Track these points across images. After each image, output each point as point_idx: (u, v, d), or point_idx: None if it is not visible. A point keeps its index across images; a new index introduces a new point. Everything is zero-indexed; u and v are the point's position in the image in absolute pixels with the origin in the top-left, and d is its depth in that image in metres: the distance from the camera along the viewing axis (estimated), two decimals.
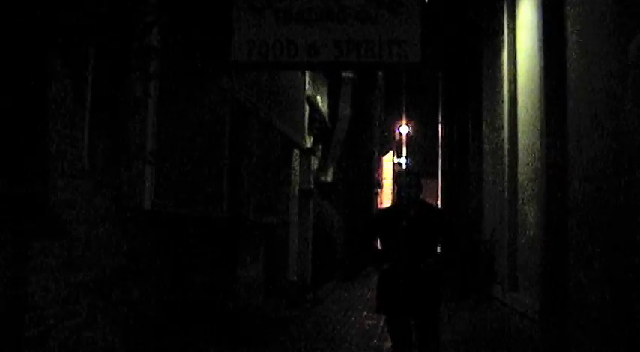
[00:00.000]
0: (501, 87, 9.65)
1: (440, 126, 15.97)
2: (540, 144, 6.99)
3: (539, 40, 7.28)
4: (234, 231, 8.18)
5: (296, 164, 12.98)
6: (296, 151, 12.64)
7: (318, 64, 6.96)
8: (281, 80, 10.73)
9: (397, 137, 34.03)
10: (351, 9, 6.81)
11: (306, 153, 13.75)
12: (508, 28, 9.46)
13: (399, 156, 33.45)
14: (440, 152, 15.92)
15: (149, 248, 5.51)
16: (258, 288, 9.35)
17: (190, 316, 6.36)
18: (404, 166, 26.96)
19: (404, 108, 32.58)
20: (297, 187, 13.21)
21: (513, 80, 9.15)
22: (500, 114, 9.56)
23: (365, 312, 11.15)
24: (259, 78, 9.28)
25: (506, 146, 9.05)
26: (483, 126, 11.47)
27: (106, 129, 4.97)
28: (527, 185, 8.08)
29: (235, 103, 8.06)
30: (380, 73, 23.05)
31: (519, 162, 8.60)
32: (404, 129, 33.70)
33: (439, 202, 15.82)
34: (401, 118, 33.08)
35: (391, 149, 31.63)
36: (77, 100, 4.52)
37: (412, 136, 34.66)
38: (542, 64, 7.17)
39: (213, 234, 7.29)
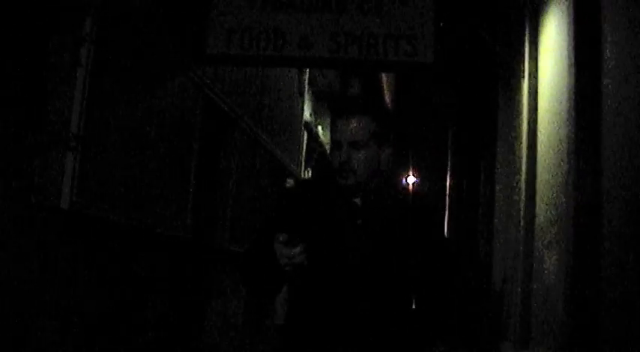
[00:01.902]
0: (520, 120, 8.68)
1: (448, 172, 15.22)
2: (567, 182, 6.16)
3: (569, 65, 6.37)
4: (202, 257, 6.94)
5: None
6: (290, 181, 11.50)
7: (310, 59, 5.81)
8: (274, 97, 9.64)
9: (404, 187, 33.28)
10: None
11: None
12: (530, 54, 8.43)
13: None
14: (447, 194, 15.07)
15: (70, 264, 4.28)
16: (237, 330, 8.05)
17: None
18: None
19: (411, 158, 32.24)
20: None
21: (534, 111, 8.17)
22: (517, 153, 8.65)
23: None
24: (247, 87, 8.15)
25: (523, 186, 8.15)
26: (496, 167, 10.65)
27: (13, 99, 3.80)
28: (547, 228, 7.14)
29: (211, 104, 6.87)
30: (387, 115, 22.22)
31: (537, 203, 7.71)
32: (411, 179, 33.13)
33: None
34: (408, 168, 32.59)
35: None
36: None
37: (419, 185, 34.21)
38: (574, 91, 6.26)
39: (171, 257, 6.04)
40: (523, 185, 8.09)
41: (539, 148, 7.92)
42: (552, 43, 7.49)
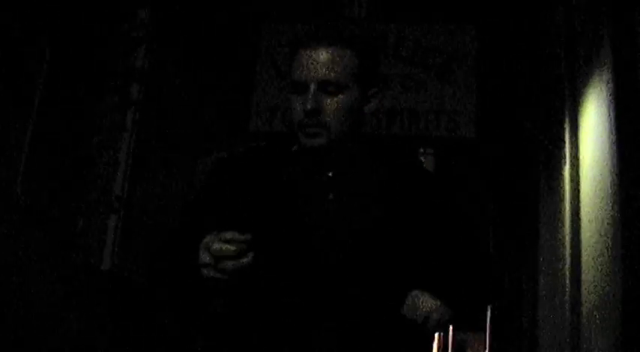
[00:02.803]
0: (562, 206, 8.55)
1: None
2: (614, 270, 5.95)
3: (610, 150, 6.30)
4: None
5: None
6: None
7: None
8: None
9: None
10: (394, 75, 5.79)
11: None
12: (570, 139, 8.39)
13: None
14: None
15: (104, 322, 4.22)
16: None
17: None
18: None
19: None
20: None
21: (576, 197, 8.06)
22: (561, 240, 8.48)
23: None
24: None
25: (567, 272, 7.92)
26: (539, 257, 10.44)
27: (62, 160, 3.86)
28: (595, 314, 6.88)
29: None
30: None
31: (583, 289, 7.48)
32: None
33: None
34: None
35: None
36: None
37: None
38: (617, 174, 6.17)
39: None
40: (567, 271, 7.92)
41: (582, 234, 7.79)
42: (593, 128, 7.45)
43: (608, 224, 6.33)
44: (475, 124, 5.45)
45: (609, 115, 6.45)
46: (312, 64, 1.93)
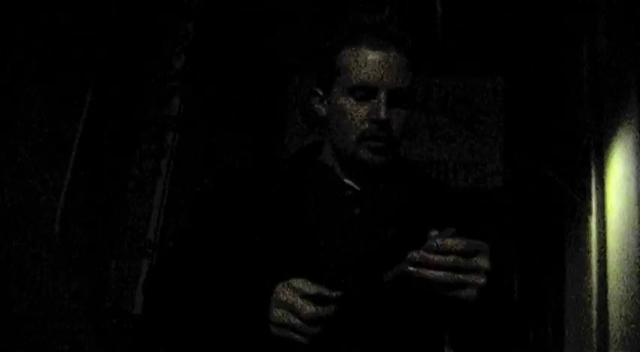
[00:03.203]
0: (589, 257, 8.48)
1: None
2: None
3: (637, 201, 6.29)
4: None
5: None
6: None
7: None
8: None
9: None
10: (422, 127, 5.87)
11: None
12: (596, 190, 8.37)
13: None
14: None
15: None
16: None
17: None
18: None
19: None
20: None
21: (603, 248, 8.01)
22: (587, 291, 8.39)
23: None
24: None
25: (594, 324, 7.82)
26: (565, 307, 10.31)
27: (96, 201, 3.95)
28: None
29: None
30: None
31: (610, 340, 7.37)
32: None
33: None
34: None
35: None
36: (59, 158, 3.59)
37: None
38: None
39: None
40: (594, 323, 7.82)
41: (609, 285, 7.71)
42: (619, 179, 7.44)
43: (635, 275, 6.28)
44: (502, 175, 5.49)
45: (635, 166, 6.44)
46: (383, 67, 1.67)
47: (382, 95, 1.66)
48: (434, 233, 1.48)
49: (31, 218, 3.50)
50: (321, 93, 1.77)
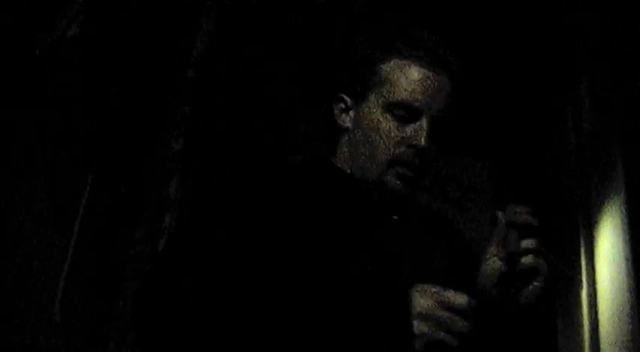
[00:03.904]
0: (582, 329, 8.45)
1: None
2: None
3: (626, 273, 6.34)
4: None
5: None
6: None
7: None
8: None
9: None
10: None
11: None
12: (586, 263, 8.42)
13: None
14: None
15: None
16: None
17: None
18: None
19: None
20: None
21: (595, 320, 7.99)
22: None
23: None
24: None
25: None
26: None
27: (95, 283, 3.97)
28: None
29: None
30: None
31: None
32: None
33: None
34: None
35: None
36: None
37: None
38: (634, 296, 6.17)
39: None
40: None
41: None
42: (608, 252, 7.50)
43: (627, 347, 6.26)
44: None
45: (623, 238, 6.51)
46: (433, 89, 1.49)
47: (425, 120, 1.51)
48: (500, 214, 1.48)
49: (30, 300, 3.51)
50: (348, 102, 1.59)
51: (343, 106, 1.61)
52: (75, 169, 3.77)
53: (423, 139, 1.48)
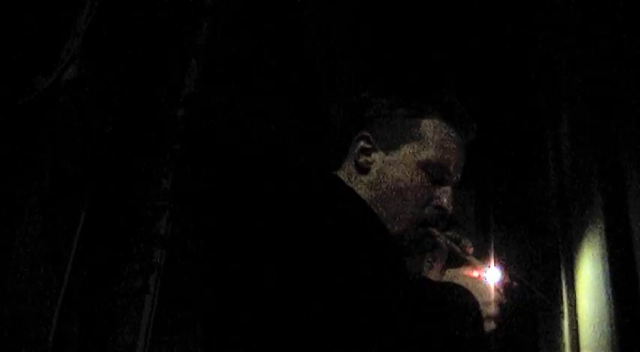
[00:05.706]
0: None
1: None
2: None
3: (607, 302, 6.41)
4: None
5: None
6: None
7: None
8: None
9: None
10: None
11: None
12: (567, 295, 8.51)
13: None
14: None
15: None
16: None
17: None
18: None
19: None
20: None
21: (576, 348, 8.07)
22: None
23: None
24: None
25: None
26: None
27: (86, 319, 3.99)
28: None
29: None
30: None
31: None
32: None
33: None
34: None
35: None
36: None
37: None
38: (615, 325, 6.24)
39: None
40: None
41: None
42: (589, 281, 7.59)
43: None
44: None
45: (603, 268, 6.61)
46: (461, 156, 1.50)
47: (451, 185, 1.53)
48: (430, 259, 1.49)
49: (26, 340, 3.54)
50: (375, 144, 1.52)
51: (369, 146, 1.59)
52: (68, 207, 3.82)
53: (450, 204, 1.51)
